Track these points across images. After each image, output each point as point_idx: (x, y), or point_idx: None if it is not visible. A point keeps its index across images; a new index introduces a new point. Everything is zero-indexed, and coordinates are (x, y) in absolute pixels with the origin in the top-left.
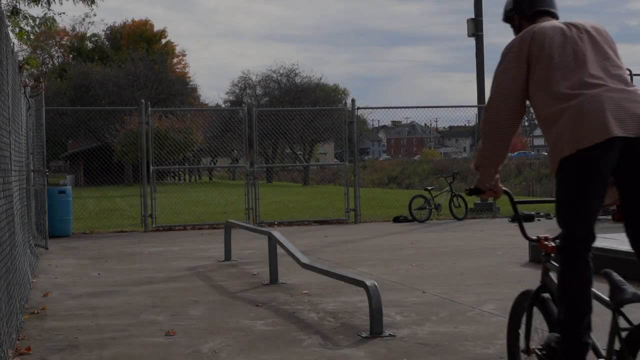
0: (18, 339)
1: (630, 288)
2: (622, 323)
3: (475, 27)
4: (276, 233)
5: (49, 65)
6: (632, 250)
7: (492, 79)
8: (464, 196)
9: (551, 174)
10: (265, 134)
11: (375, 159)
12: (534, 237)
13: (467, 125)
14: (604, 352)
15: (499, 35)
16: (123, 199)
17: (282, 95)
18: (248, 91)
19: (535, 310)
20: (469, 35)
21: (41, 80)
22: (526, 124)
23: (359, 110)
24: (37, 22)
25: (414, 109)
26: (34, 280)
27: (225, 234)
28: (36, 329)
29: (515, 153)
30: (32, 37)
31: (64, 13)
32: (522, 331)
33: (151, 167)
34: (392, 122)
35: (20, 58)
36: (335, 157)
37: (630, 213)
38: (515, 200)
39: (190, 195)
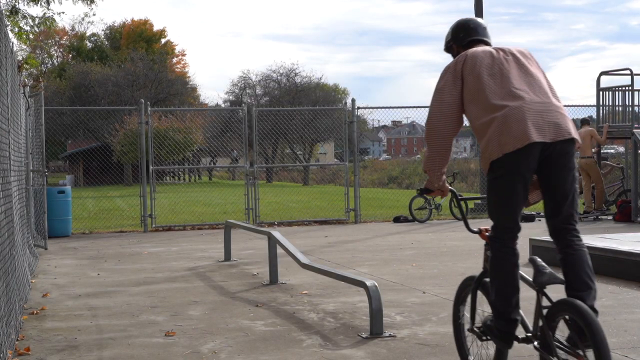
0: (17, 340)
1: (550, 271)
2: (546, 303)
3: None
4: (276, 233)
5: (48, 65)
6: (632, 250)
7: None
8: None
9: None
10: (265, 134)
11: (375, 159)
12: (476, 230)
13: (467, 125)
14: (531, 327)
15: (499, 35)
16: (122, 199)
17: (282, 95)
18: (248, 91)
19: (480, 293)
20: None
21: (40, 80)
22: None
23: (359, 110)
24: (36, 22)
25: (414, 109)
26: (33, 281)
27: (225, 234)
28: (35, 329)
29: None
30: (31, 36)
31: (63, 12)
32: (467, 312)
33: (151, 167)
34: (392, 122)
35: (20, 58)
36: (335, 157)
37: (550, 207)
38: (460, 197)
39: (190, 195)
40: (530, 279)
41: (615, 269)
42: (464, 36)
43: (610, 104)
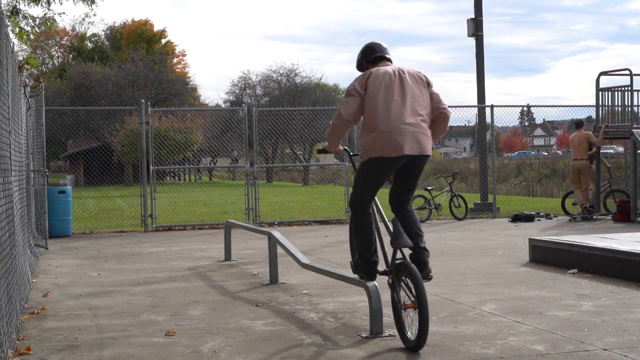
0: (18, 339)
1: (404, 237)
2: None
3: (475, 27)
4: (276, 233)
5: (49, 65)
6: (632, 250)
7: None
8: (464, 196)
9: (543, 172)
10: (265, 134)
11: None
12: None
13: (467, 125)
14: (388, 267)
15: (499, 35)
16: (123, 199)
17: (282, 95)
18: (248, 91)
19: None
20: (469, 35)
21: (41, 80)
22: (526, 123)
23: None
24: (37, 22)
25: None
26: (33, 280)
27: (225, 234)
28: (36, 329)
29: (515, 153)
30: (32, 37)
31: (64, 13)
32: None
33: (151, 167)
34: None
35: (20, 58)
36: (335, 157)
37: (397, 191)
38: (353, 153)
39: (190, 195)
40: (391, 238)
41: (615, 269)
42: (370, 54)
43: (610, 104)
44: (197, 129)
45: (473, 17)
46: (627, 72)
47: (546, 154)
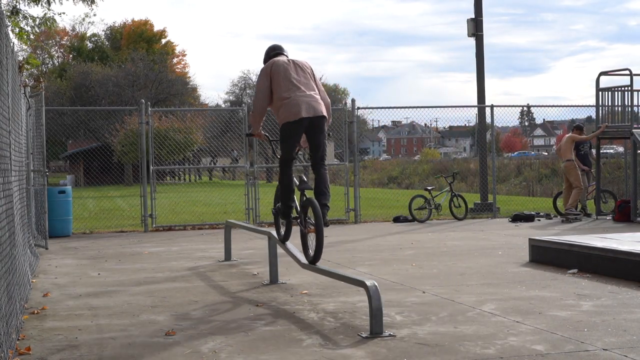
0: (18, 339)
1: (307, 183)
2: (304, 198)
3: (475, 27)
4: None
5: (49, 65)
6: (631, 250)
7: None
8: (464, 196)
9: (543, 172)
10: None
11: (375, 159)
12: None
13: (467, 125)
14: (297, 212)
15: (499, 35)
16: (123, 199)
17: None
18: (248, 91)
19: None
20: (468, 35)
21: (41, 80)
22: (526, 123)
23: (359, 110)
24: (37, 22)
25: (414, 109)
26: (33, 280)
27: (225, 234)
28: (36, 329)
29: (515, 153)
30: (32, 37)
31: (64, 13)
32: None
33: (151, 167)
34: (392, 122)
35: (20, 58)
36: (335, 157)
37: (311, 152)
38: (271, 139)
39: (190, 195)
40: (298, 184)
41: (615, 269)
42: (272, 51)
43: (610, 104)
44: (197, 129)
45: (473, 17)
46: (627, 72)
47: (546, 154)
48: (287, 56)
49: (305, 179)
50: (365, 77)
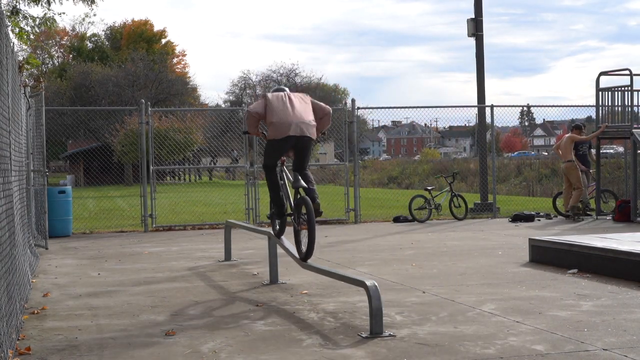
0: (18, 339)
1: (300, 181)
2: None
3: (475, 27)
4: None
5: (49, 65)
6: (631, 250)
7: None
8: (464, 196)
9: (543, 172)
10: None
11: (375, 159)
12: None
13: (467, 125)
14: (291, 210)
15: (499, 35)
16: (123, 199)
17: None
18: (248, 91)
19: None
20: (468, 35)
21: (41, 80)
22: (526, 123)
23: (359, 110)
24: (37, 22)
25: (414, 109)
26: (33, 280)
27: (225, 234)
28: (36, 329)
29: (515, 153)
30: (32, 37)
31: (64, 13)
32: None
33: (151, 167)
34: (392, 122)
35: (20, 58)
36: (335, 157)
37: (295, 164)
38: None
39: (190, 195)
40: (292, 182)
41: (615, 269)
42: (273, 90)
43: (610, 104)
44: (197, 129)
45: (473, 17)
46: (627, 72)
47: (546, 154)
48: (285, 90)
49: (298, 177)
50: (365, 77)
